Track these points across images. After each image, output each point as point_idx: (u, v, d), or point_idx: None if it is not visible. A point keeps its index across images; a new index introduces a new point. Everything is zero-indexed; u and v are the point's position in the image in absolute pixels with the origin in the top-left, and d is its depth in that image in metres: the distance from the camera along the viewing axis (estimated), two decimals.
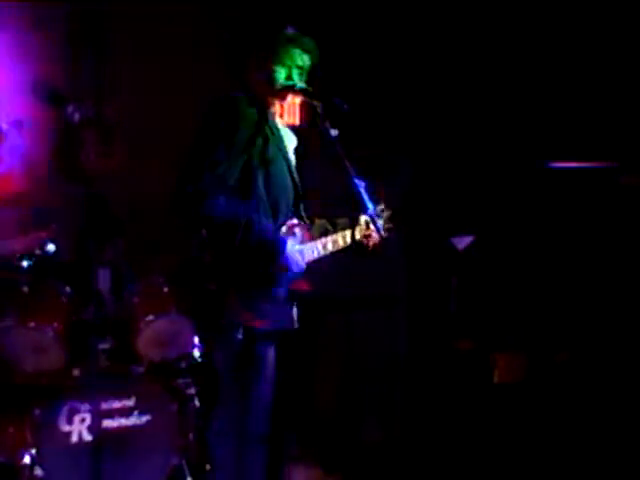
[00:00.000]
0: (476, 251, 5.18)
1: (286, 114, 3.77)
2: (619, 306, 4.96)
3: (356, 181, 3.49)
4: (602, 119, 5.09)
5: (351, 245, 3.78)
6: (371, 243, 3.80)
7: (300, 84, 3.66)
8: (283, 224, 3.64)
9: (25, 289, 4.26)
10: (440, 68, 5.40)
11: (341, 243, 3.77)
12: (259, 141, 3.57)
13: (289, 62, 3.66)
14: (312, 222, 3.80)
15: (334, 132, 3.57)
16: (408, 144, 5.41)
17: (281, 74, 3.66)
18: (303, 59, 3.69)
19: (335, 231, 3.79)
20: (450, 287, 5.35)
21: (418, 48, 5.39)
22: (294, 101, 3.74)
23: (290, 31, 3.70)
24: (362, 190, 3.49)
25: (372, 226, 3.69)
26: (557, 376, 4.99)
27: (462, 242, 5.17)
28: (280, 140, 3.71)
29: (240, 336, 3.46)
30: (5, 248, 4.26)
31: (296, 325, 3.66)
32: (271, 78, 3.65)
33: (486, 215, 5.36)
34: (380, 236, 3.62)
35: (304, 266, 3.64)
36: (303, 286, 3.65)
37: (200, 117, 3.55)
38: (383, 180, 3.94)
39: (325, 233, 3.78)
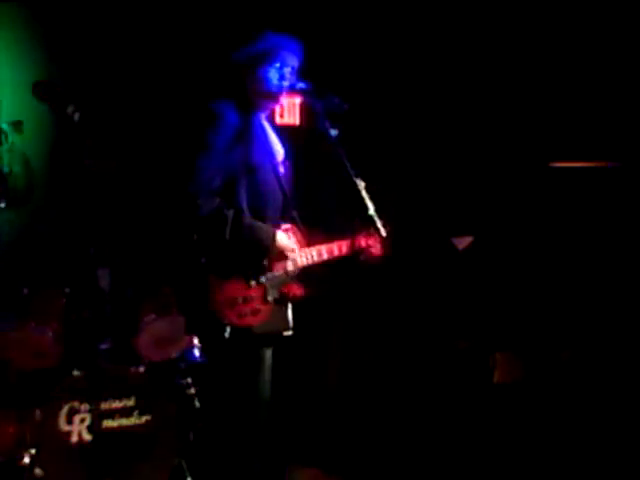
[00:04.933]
0: (476, 251, 5.18)
1: (286, 114, 3.76)
2: (620, 306, 4.96)
3: (356, 181, 3.49)
4: (603, 119, 5.09)
5: (347, 256, 3.77)
6: (373, 250, 3.78)
7: (300, 84, 3.65)
8: None
9: (25, 290, 4.27)
10: (440, 67, 5.40)
11: (336, 252, 3.76)
12: (241, 148, 3.55)
13: (279, 64, 3.65)
14: (307, 229, 3.78)
15: (334, 132, 3.57)
16: (407, 144, 5.41)
17: (274, 76, 3.64)
18: (292, 59, 3.68)
19: (332, 240, 3.78)
20: (450, 287, 5.35)
21: (419, 46, 5.38)
22: (294, 101, 3.74)
23: (274, 33, 3.69)
24: (362, 190, 3.49)
25: (372, 228, 3.67)
26: (557, 376, 4.99)
27: (462, 242, 5.17)
28: (268, 147, 3.69)
29: (227, 335, 3.46)
30: None
31: (291, 329, 3.64)
32: (265, 81, 3.64)
33: (486, 215, 5.35)
34: (381, 237, 3.60)
35: (297, 271, 3.64)
36: (296, 291, 3.65)
37: (188, 123, 3.56)
38: (383, 180, 3.94)
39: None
